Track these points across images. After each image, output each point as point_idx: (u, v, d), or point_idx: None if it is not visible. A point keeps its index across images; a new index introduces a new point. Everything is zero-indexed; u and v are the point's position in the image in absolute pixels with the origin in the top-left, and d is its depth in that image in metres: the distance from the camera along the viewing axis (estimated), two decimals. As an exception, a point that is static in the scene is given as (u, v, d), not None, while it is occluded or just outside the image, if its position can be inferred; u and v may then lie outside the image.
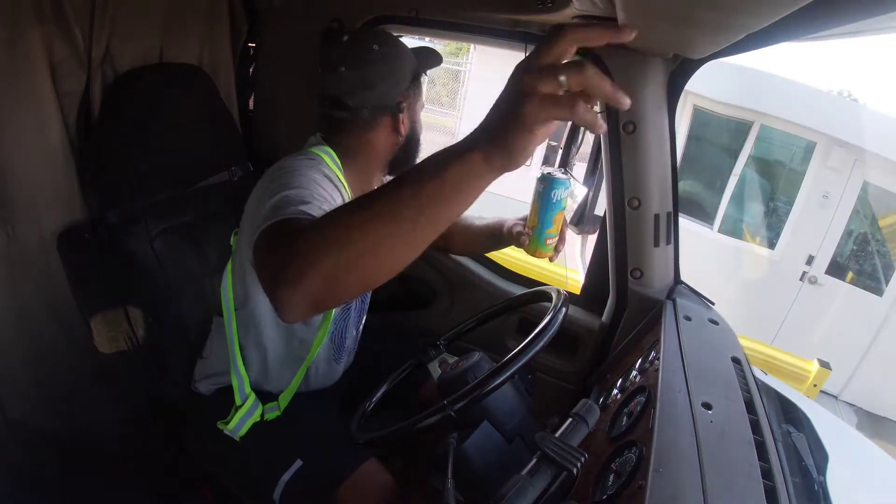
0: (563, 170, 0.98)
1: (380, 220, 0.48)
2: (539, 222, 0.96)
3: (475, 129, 0.47)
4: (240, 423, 0.95)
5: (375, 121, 0.94)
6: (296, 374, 1.00)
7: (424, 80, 1.02)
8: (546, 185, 0.94)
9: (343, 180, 0.91)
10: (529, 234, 0.97)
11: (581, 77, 0.41)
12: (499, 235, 1.07)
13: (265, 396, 1.00)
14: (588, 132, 1.86)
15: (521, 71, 0.44)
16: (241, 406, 0.96)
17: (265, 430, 0.97)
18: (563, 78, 0.41)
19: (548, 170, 0.96)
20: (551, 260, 1.01)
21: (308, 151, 0.91)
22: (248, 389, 0.97)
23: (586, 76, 0.41)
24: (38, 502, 1.09)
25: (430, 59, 0.99)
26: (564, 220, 1.00)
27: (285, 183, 0.73)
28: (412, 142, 1.00)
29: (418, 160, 0.88)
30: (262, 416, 0.97)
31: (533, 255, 0.99)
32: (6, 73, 0.91)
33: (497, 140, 0.45)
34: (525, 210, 1.00)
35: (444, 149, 0.48)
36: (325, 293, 0.50)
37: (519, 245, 1.00)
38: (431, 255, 1.35)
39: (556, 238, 0.98)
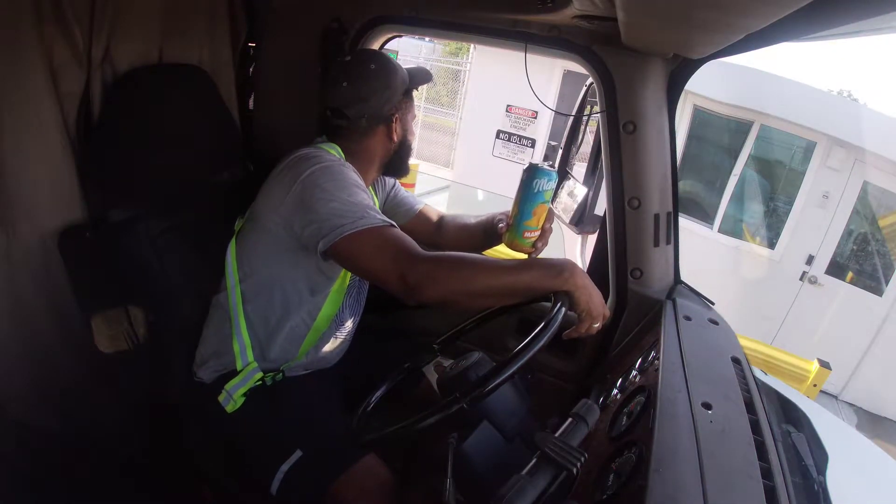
0: (550, 163, 0.97)
1: (488, 290, 0.82)
2: (518, 212, 0.95)
3: (569, 270, 0.82)
4: (238, 385, 0.98)
5: (371, 129, 1.05)
6: (301, 345, 1.04)
7: (416, 94, 1.13)
8: (529, 175, 0.93)
9: None
10: (509, 223, 0.97)
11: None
12: (492, 230, 1.13)
13: (265, 371, 1.02)
14: (588, 132, 1.86)
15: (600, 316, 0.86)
16: (241, 371, 0.99)
17: (266, 419, 0.98)
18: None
19: (535, 161, 0.95)
20: (529, 256, 1.01)
21: (321, 147, 1.01)
22: (250, 355, 1.00)
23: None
24: (38, 502, 1.09)
25: (420, 76, 1.10)
26: (549, 216, 0.98)
27: (342, 186, 0.90)
28: (404, 147, 1.11)
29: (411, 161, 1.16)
30: (262, 380, 1.00)
31: (510, 247, 0.99)
32: (6, 73, 0.91)
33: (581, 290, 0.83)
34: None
35: (539, 275, 0.82)
36: (444, 300, 0.84)
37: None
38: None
39: (536, 233, 0.97)
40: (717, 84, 3.90)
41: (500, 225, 1.04)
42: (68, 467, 1.11)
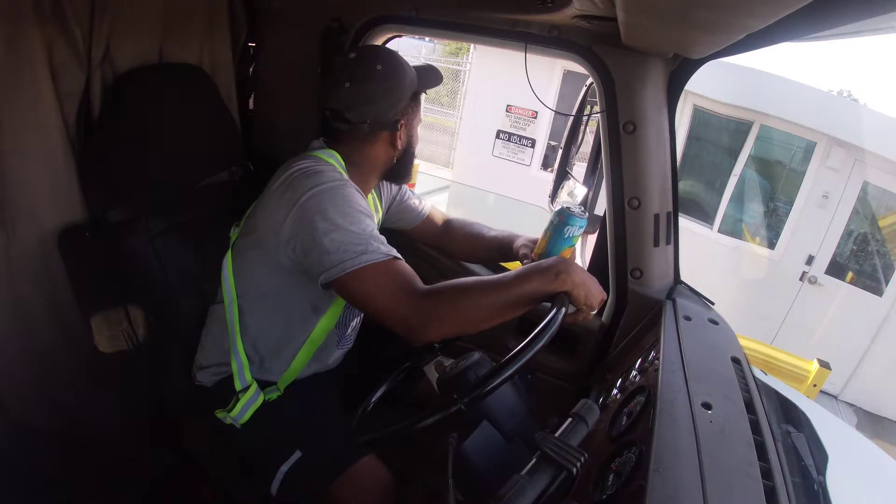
0: (581, 207, 1.00)
1: (492, 312, 0.83)
2: (546, 252, 0.98)
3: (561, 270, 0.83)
4: (242, 410, 0.96)
5: (374, 135, 0.99)
6: (296, 356, 1.02)
7: (424, 97, 1.05)
8: (561, 220, 0.97)
9: None
10: (534, 260, 1.00)
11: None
12: (507, 250, 1.13)
13: (264, 384, 1.01)
14: (588, 132, 1.86)
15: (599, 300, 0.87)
16: (243, 392, 0.97)
17: (266, 420, 0.98)
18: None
19: (567, 204, 0.98)
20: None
21: (318, 157, 0.96)
22: (248, 376, 0.99)
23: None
24: (38, 502, 1.09)
25: (430, 78, 1.03)
26: (573, 255, 1.02)
27: (344, 212, 0.86)
28: (407, 155, 1.05)
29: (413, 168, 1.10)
30: (263, 400, 0.99)
31: None
32: (6, 73, 0.91)
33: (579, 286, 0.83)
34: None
35: (539, 284, 0.82)
36: (449, 335, 0.84)
37: None
38: (433, 255, 1.35)
39: None
40: (717, 84, 3.90)
41: (525, 260, 1.05)
42: (68, 467, 1.11)
